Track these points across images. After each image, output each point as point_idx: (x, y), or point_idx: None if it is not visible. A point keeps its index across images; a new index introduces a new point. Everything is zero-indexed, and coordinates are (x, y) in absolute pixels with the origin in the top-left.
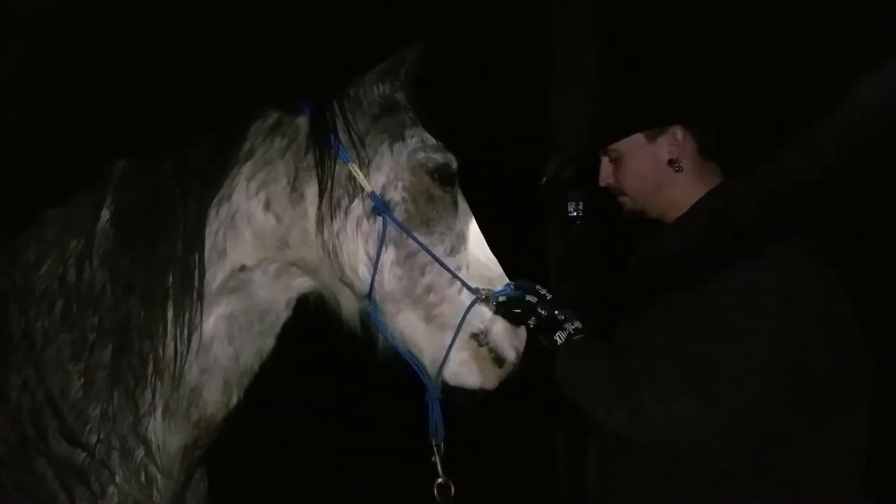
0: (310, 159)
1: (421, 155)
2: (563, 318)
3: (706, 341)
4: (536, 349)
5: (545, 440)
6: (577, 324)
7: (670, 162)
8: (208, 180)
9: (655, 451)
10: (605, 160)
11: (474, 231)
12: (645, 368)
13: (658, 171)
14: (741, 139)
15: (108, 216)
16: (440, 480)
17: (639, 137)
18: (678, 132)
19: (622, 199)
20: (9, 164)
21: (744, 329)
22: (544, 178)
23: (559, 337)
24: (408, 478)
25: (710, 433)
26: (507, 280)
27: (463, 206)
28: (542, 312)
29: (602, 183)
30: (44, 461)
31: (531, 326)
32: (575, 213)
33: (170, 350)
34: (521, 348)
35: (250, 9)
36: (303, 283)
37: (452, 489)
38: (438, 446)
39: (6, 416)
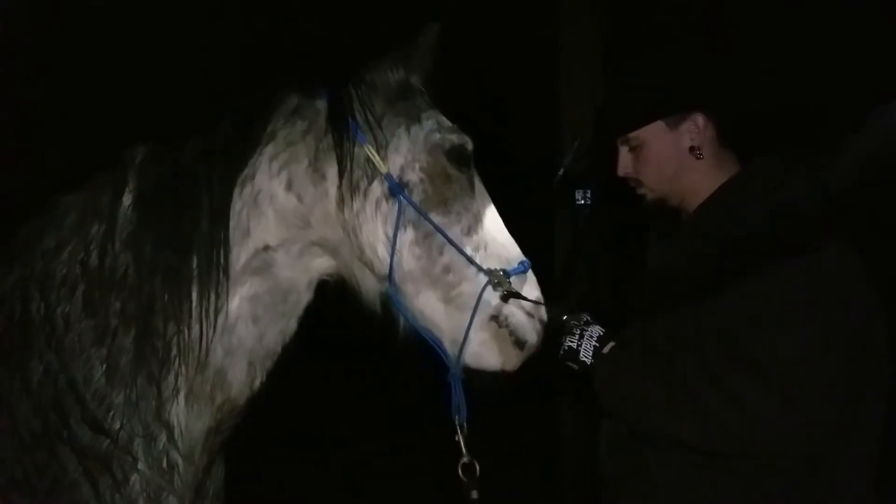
0: (329, 140)
1: (437, 136)
2: (575, 323)
3: (764, 337)
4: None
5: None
6: (599, 329)
7: (691, 149)
8: (232, 161)
9: (723, 453)
10: (623, 149)
11: (491, 211)
12: (700, 372)
13: (679, 158)
14: (759, 126)
15: (130, 200)
16: (465, 460)
17: (660, 125)
18: (699, 119)
19: (642, 190)
20: (20, 153)
21: (800, 319)
22: (560, 172)
23: (586, 353)
24: (427, 462)
25: (789, 428)
26: (523, 258)
27: (479, 187)
28: (552, 316)
29: (621, 172)
30: (66, 448)
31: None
32: (583, 201)
33: (195, 331)
34: (542, 331)
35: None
36: (324, 264)
37: (477, 468)
38: (461, 425)
39: (29, 403)
